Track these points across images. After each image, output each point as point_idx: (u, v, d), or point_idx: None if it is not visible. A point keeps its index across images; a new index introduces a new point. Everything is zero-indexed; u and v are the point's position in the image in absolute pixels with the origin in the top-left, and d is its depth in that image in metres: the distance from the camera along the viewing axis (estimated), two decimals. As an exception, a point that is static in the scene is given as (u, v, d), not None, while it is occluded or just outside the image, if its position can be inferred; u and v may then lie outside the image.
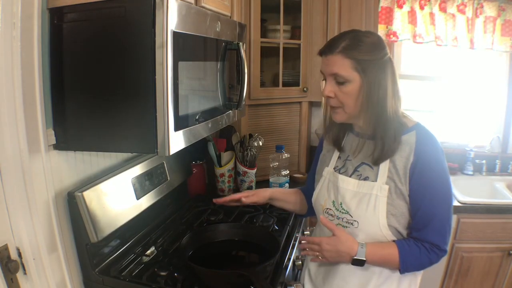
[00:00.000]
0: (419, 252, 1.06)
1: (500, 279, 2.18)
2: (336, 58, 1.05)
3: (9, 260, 0.98)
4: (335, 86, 1.08)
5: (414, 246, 1.06)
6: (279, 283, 1.27)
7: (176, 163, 1.73)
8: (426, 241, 1.06)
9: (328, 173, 1.23)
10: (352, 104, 1.08)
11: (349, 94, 1.06)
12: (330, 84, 1.08)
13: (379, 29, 2.36)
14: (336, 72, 1.05)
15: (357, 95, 1.06)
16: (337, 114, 1.13)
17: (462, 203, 2.11)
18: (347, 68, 1.04)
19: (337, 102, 1.10)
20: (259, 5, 2.04)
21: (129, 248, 1.41)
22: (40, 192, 1.07)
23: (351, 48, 1.04)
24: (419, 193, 1.05)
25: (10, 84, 0.95)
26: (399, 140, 1.07)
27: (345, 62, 1.04)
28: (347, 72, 1.05)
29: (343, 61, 1.04)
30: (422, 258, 1.06)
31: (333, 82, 1.08)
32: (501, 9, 2.31)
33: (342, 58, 1.04)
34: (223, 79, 1.40)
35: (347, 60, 1.04)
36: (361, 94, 1.06)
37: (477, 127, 2.66)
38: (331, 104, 1.12)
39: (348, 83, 1.06)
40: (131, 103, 1.05)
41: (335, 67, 1.05)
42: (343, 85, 1.06)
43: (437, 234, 1.06)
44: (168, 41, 0.98)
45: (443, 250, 1.07)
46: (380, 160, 1.09)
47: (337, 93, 1.08)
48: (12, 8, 0.94)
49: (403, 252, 1.06)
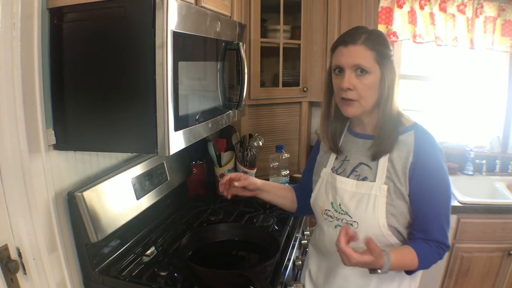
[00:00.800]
0: (431, 250, 1.06)
1: (500, 279, 2.18)
2: (359, 48, 1.04)
3: (9, 260, 0.98)
4: (355, 78, 1.06)
5: (426, 245, 1.06)
6: (279, 283, 1.27)
7: (176, 163, 1.73)
8: (433, 241, 1.06)
9: (326, 174, 1.23)
10: (370, 97, 1.07)
11: (369, 86, 1.06)
12: (351, 75, 1.06)
13: (379, 29, 2.36)
14: (359, 63, 1.04)
15: (376, 87, 1.07)
16: (352, 108, 1.09)
17: (462, 203, 2.11)
18: (370, 59, 1.04)
19: (355, 95, 1.07)
20: (259, 5, 2.04)
21: (129, 248, 1.41)
22: (40, 192, 1.07)
23: (373, 40, 1.05)
24: (419, 194, 1.06)
25: (10, 84, 0.95)
26: (396, 136, 1.07)
27: (368, 54, 1.04)
28: (370, 63, 1.04)
29: (366, 52, 1.04)
30: (434, 255, 1.07)
31: (353, 74, 1.06)
32: (501, 9, 2.31)
33: (365, 49, 1.04)
34: (223, 79, 1.40)
35: (370, 51, 1.04)
36: (379, 87, 1.06)
37: (477, 127, 2.66)
38: (348, 97, 1.08)
39: (369, 74, 1.05)
40: (131, 103, 1.05)
41: (358, 58, 1.05)
42: (364, 76, 1.05)
43: (441, 232, 1.07)
44: (168, 41, 0.98)
45: (448, 246, 1.08)
46: (378, 155, 1.09)
47: (357, 85, 1.06)
48: (12, 8, 0.94)
49: (422, 255, 1.04)
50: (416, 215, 1.07)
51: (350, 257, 0.95)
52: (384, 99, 1.07)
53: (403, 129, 1.09)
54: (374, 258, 0.95)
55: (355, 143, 1.18)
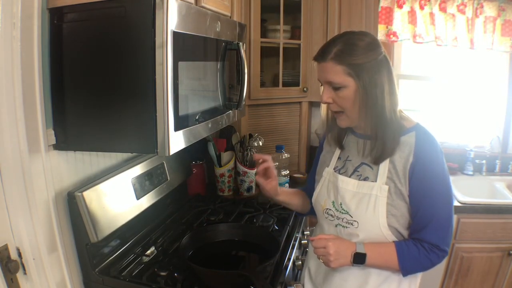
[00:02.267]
0: (418, 252, 1.06)
1: (500, 279, 2.18)
2: (328, 65, 1.05)
3: (9, 260, 0.98)
4: (332, 92, 1.08)
5: (413, 246, 1.06)
6: (279, 283, 1.27)
7: (176, 163, 1.73)
8: (425, 242, 1.06)
9: (328, 173, 1.24)
10: (351, 107, 1.08)
11: (346, 98, 1.07)
12: (327, 90, 1.09)
13: (379, 29, 2.36)
14: (329, 80, 1.07)
15: (353, 99, 1.07)
16: (341, 120, 1.14)
17: (462, 203, 2.11)
18: (340, 74, 1.04)
19: (336, 107, 1.11)
20: (259, 5, 2.04)
21: (129, 248, 1.41)
22: (40, 192, 1.07)
23: (343, 53, 1.03)
24: (418, 194, 1.05)
25: (10, 84, 0.96)
26: (398, 140, 1.07)
27: (338, 69, 1.04)
28: (340, 78, 1.05)
29: (336, 68, 1.04)
30: (421, 259, 1.06)
31: (329, 88, 1.09)
32: (501, 9, 2.31)
33: (334, 65, 1.04)
34: (223, 79, 1.40)
35: (339, 66, 1.04)
36: (357, 97, 1.06)
37: (477, 127, 2.66)
38: (332, 110, 1.13)
39: (343, 88, 1.06)
40: (131, 103, 1.04)
41: (328, 74, 1.06)
42: (339, 90, 1.07)
43: (436, 234, 1.06)
44: (168, 41, 0.98)
45: (443, 251, 1.06)
46: (380, 159, 1.09)
47: (335, 99, 1.09)
48: (12, 8, 0.94)
49: (401, 251, 1.06)
50: (414, 216, 1.07)
51: (317, 241, 1.08)
52: (370, 105, 1.05)
53: (405, 130, 1.09)
54: (335, 238, 1.09)
55: (357, 143, 1.18)
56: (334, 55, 1.04)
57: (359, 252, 1.06)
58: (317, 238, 1.10)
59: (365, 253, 1.06)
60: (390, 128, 1.06)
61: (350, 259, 1.07)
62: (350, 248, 1.07)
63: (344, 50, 1.04)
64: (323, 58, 1.06)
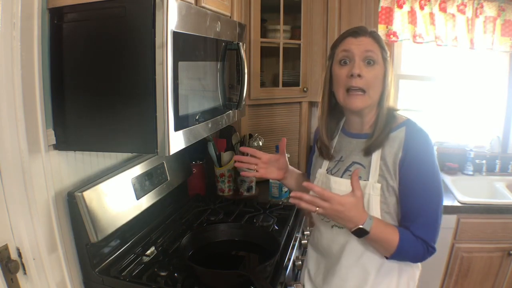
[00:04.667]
0: (416, 240, 1.04)
1: (500, 279, 2.18)
2: (369, 40, 1.10)
3: (9, 260, 0.98)
4: (363, 67, 1.09)
5: (412, 236, 1.05)
6: (279, 283, 1.27)
7: (176, 163, 1.73)
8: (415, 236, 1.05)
9: (321, 175, 1.23)
10: (377, 88, 1.10)
11: (376, 77, 1.10)
12: (360, 64, 1.09)
13: (379, 29, 2.36)
14: (371, 50, 1.09)
15: (381, 80, 1.11)
16: (359, 99, 1.09)
17: (462, 203, 2.11)
18: (378, 51, 1.10)
19: (364, 82, 1.08)
20: (259, 5, 2.04)
21: (129, 248, 1.41)
22: (40, 192, 1.07)
23: (377, 37, 1.12)
24: (406, 188, 1.05)
25: (10, 84, 0.95)
26: (387, 131, 1.09)
27: (376, 46, 1.11)
28: (378, 55, 1.10)
29: (374, 44, 1.10)
30: (417, 247, 1.04)
31: (362, 63, 1.09)
32: (501, 9, 2.31)
33: (373, 42, 1.11)
34: (223, 79, 1.40)
35: (376, 45, 1.11)
36: (383, 81, 1.11)
37: (477, 127, 2.66)
38: (358, 85, 1.08)
39: (377, 65, 1.10)
40: (131, 103, 1.04)
41: (368, 46, 1.10)
42: (372, 67, 1.09)
43: (425, 230, 1.04)
44: (168, 41, 0.98)
45: (431, 247, 1.05)
46: (370, 150, 1.10)
47: (366, 74, 1.09)
48: (12, 8, 0.94)
49: (403, 235, 1.03)
50: (402, 209, 1.07)
51: (331, 198, 0.97)
52: (386, 95, 1.11)
53: (396, 125, 1.10)
54: (355, 200, 0.98)
55: (349, 143, 1.18)
56: (372, 35, 1.12)
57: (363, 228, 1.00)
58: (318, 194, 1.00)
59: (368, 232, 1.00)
60: (384, 120, 1.10)
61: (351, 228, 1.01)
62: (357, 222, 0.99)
63: (377, 36, 1.13)
64: (365, 33, 1.11)
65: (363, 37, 1.10)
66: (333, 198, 0.98)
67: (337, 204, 0.98)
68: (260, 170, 1.33)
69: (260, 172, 1.33)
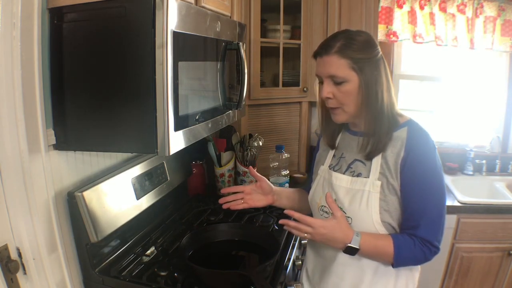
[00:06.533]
0: (414, 244, 1.05)
1: (500, 279, 2.18)
2: (332, 58, 1.05)
3: (9, 260, 0.99)
4: (333, 87, 1.08)
5: (408, 238, 1.06)
6: (279, 283, 1.27)
7: (176, 163, 1.73)
8: (419, 237, 1.05)
9: (323, 171, 1.24)
10: (351, 103, 1.08)
11: (348, 93, 1.07)
12: (328, 85, 1.08)
13: (379, 29, 2.36)
14: (333, 73, 1.06)
15: (356, 94, 1.07)
16: (337, 115, 1.12)
17: (462, 203, 2.11)
18: (344, 68, 1.05)
19: (336, 102, 1.10)
20: (259, 5, 2.04)
21: (129, 248, 1.41)
22: (40, 192, 1.07)
23: (347, 47, 1.04)
24: (409, 188, 1.05)
25: (10, 84, 0.96)
26: (390, 135, 1.08)
27: (342, 62, 1.05)
28: (345, 72, 1.05)
29: (340, 61, 1.05)
30: (416, 251, 1.05)
31: (331, 83, 1.08)
32: (501, 9, 2.31)
33: (338, 59, 1.05)
34: (223, 79, 1.40)
35: (343, 60, 1.04)
36: (360, 92, 1.07)
37: (477, 127, 2.66)
38: (330, 106, 1.12)
39: (346, 82, 1.06)
40: (131, 103, 1.04)
41: (332, 68, 1.06)
42: (341, 85, 1.07)
43: (428, 230, 1.05)
44: (168, 41, 0.98)
45: (435, 247, 1.06)
46: (372, 154, 1.09)
47: (336, 94, 1.08)
48: (12, 8, 0.94)
49: (398, 243, 1.05)
50: (405, 210, 1.07)
51: (312, 223, 1.04)
52: (371, 101, 1.07)
53: (398, 126, 1.10)
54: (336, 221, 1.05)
55: (351, 141, 1.19)
56: (338, 49, 1.05)
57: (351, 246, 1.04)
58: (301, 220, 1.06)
59: (358, 248, 1.04)
60: (386, 124, 1.08)
61: (342, 248, 1.06)
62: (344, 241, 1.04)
63: (347, 44, 1.05)
64: (327, 52, 1.06)
65: (326, 56, 1.06)
66: (314, 223, 1.05)
67: (320, 227, 1.04)
68: (248, 202, 1.33)
69: (249, 203, 1.33)
